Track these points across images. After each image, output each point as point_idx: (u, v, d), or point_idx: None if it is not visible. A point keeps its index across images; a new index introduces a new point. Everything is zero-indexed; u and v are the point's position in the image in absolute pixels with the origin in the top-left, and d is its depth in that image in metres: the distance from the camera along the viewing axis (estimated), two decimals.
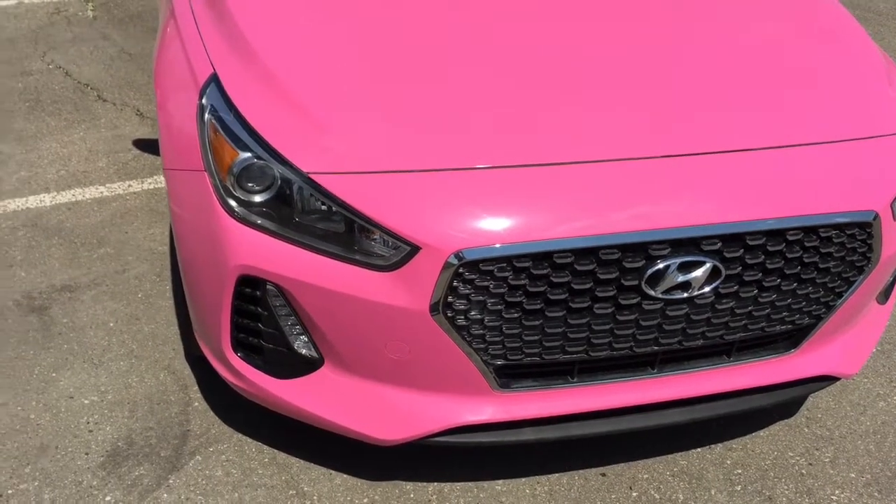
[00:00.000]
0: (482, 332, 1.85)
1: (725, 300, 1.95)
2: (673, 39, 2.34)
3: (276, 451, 2.33)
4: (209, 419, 2.42)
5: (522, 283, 1.80)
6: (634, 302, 1.87)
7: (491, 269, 1.77)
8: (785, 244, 1.91)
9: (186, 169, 2.01)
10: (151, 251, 3.14)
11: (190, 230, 2.03)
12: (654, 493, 2.28)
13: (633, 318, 1.90)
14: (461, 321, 1.82)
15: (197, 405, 2.47)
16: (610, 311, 1.88)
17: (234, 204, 1.88)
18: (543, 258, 1.78)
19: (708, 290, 1.89)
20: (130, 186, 3.57)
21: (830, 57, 2.38)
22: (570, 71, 2.12)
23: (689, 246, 1.84)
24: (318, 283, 1.84)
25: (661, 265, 1.83)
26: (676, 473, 2.34)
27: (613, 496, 2.26)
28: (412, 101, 1.97)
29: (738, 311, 1.97)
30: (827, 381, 2.26)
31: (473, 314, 1.82)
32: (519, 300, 1.82)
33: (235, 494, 2.20)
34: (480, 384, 1.94)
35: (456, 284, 1.77)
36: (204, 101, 2.01)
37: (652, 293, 1.86)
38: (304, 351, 1.98)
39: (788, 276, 1.96)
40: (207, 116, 1.98)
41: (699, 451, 2.42)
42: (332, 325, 1.89)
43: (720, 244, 1.86)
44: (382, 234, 1.78)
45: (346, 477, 2.26)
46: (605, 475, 2.32)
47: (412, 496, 2.23)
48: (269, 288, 1.90)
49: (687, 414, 2.13)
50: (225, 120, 1.94)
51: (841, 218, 1.93)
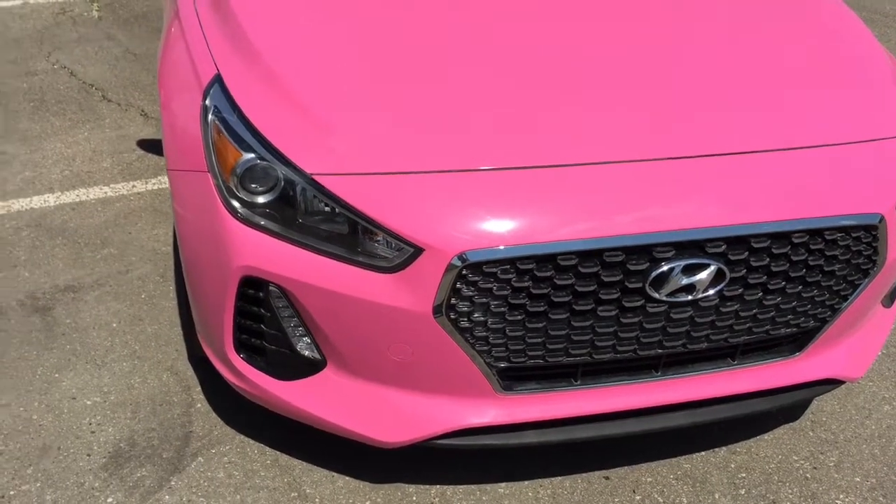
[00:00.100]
0: (485, 334, 1.84)
1: (730, 303, 1.94)
2: (677, 40, 2.33)
3: (278, 452, 2.32)
4: (212, 420, 2.42)
5: (526, 285, 1.79)
6: (638, 304, 1.87)
7: (494, 271, 1.76)
8: (790, 247, 1.90)
9: (190, 170, 2.01)
10: (155, 252, 3.14)
11: (193, 231, 2.03)
12: (657, 496, 2.27)
13: (636, 320, 1.90)
14: (464, 323, 1.82)
15: (199, 406, 2.46)
16: (614, 313, 1.87)
17: (237, 205, 1.88)
18: (547, 260, 1.77)
19: (712, 292, 1.88)
20: (134, 187, 3.57)
21: (836, 58, 2.37)
22: (573, 71, 2.12)
23: (693, 248, 1.83)
24: (320, 284, 1.83)
25: (665, 268, 1.82)
26: (680, 477, 2.33)
27: (617, 499, 2.25)
28: (416, 102, 1.97)
29: (742, 314, 1.97)
30: (832, 384, 2.25)
31: (477, 316, 1.82)
32: (522, 302, 1.81)
33: (237, 496, 2.19)
34: (483, 386, 1.94)
35: (459, 286, 1.77)
36: (207, 101, 2.01)
37: (656, 296, 1.85)
38: (306, 352, 1.98)
39: (793, 278, 1.95)
40: (211, 117, 1.98)
41: (703, 454, 2.41)
42: (334, 326, 1.88)
43: (725, 247, 1.85)
44: (386, 235, 1.78)
45: (348, 479, 2.26)
46: (608, 478, 2.31)
47: (415, 499, 2.22)
48: (271, 289, 1.90)
49: (691, 417, 2.12)
50: (228, 121, 1.94)
51: (846, 221, 1.92)
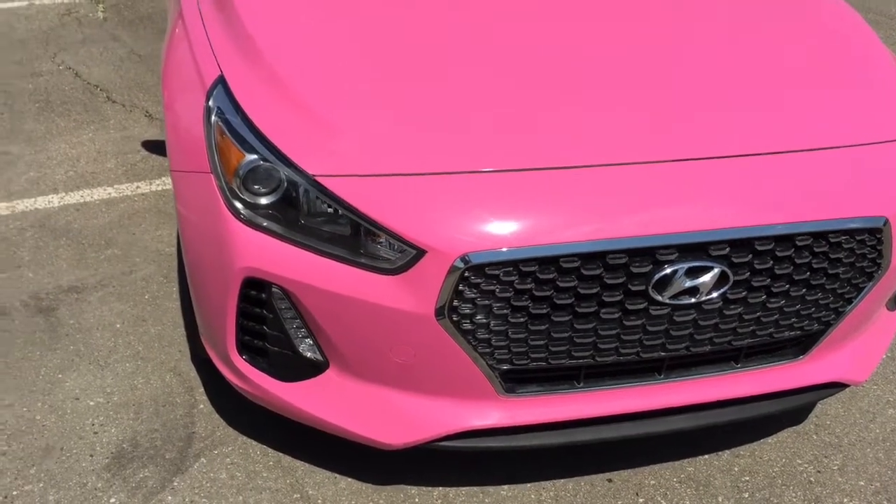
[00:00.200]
0: (488, 336, 1.84)
1: (733, 306, 1.93)
2: (680, 40, 2.33)
3: (280, 454, 2.32)
4: (214, 421, 2.42)
5: (528, 287, 1.78)
6: (641, 307, 1.86)
7: (497, 273, 1.76)
8: (794, 250, 1.89)
9: (193, 171, 2.01)
10: (159, 252, 3.14)
11: (196, 232, 2.03)
12: (660, 499, 2.26)
13: (639, 323, 1.89)
14: (467, 325, 1.81)
15: (202, 407, 2.46)
16: (617, 316, 1.86)
17: (239, 206, 1.88)
18: (550, 262, 1.77)
19: (716, 295, 1.88)
20: (139, 188, 3.57)
21: (840, 60, 2.36)
22: (575, 72, 2.11)
23: (696, 251, 1.83)
24: (323, 286, 1.83)
25: (668, 270, 1.81)
26: (683, 480, 2.33)
27: (619, 502, 2.25)
28: (418, 103, 1.97)
29: (746, 316, 1.96)
30: (836, 387, 2.24)
31: (479, 318, 1.81)
32: (525, 304, 1.81)
33: (240, 497, 2.19)
34: (486, 389, 1.93)
35: (462, 288, 1.76)
36: (211, 102, 2.01)
37: (659, 298, 1.84)
38: (309, 354, 1.98)
39: (797, 281, 1.95)
40: (214, 118, 1.98)
41: (706, 457, 2.40)
42: (337, 328, 1.88)
43: (728, 249, 1.84)
44: (388, 237, 1.78)
45: (350, 481, 2.26)
46: (611, 481, 2.31)
47: (417, 501, 2.22)
48: (274, 291, 1.89)
49: (694, 420, 2.11)
50: (231, 122, 1.94)
51: (851, 223, 1.91)
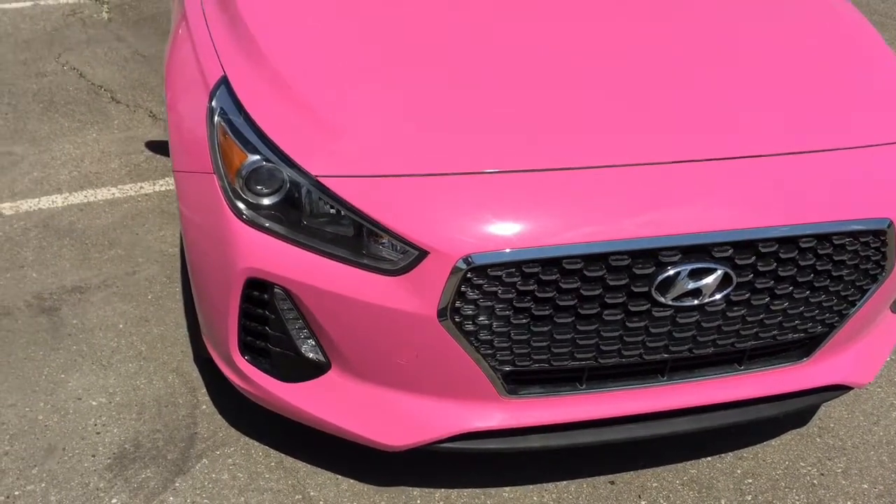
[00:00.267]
0: (490, 337, 1.84)
1: (737, 308, 1.92)
2: (684, 41, 2.32)
3: (282, 455, 2.32)
4: (216, 422, 2.41)
5: (531, 288, 1.78)
6: (644, 309, 1.85)
7: (499, 274, 1.75)
8: (797, 252, 1.89)
9: (195, 171, 2.01)
10: (162, 253, 3.14)
11: (198, 232, 2.03)
12: (663, 501, 2.26)
13: (642, 325, 1.88)
14: (469, 326, 1.81)
15: (204, 408, 2.46)
16: (619, 317, 1.86)
17: (242, 207, 1.88)
18: (552, 264, 1.76)
19: (719, 297, 1.87)
20: (142, 188, 3.58)
21: (845, 62, 2.36)
22: (579, 73, 2.11)
23: (700, 253, 1.82)
24: (325, 286, 1.83)
25: (671, 272, 1.81)
26: (686, 482, 2.32)
27: None
28: (421, 104, 1.96)
29: (749, 319, 1.95)
30: (840, 390, 2.24)
31: (481, 319, 1.81)
32: (527, 306, 1.80)
33: (242, 498, 2.19)
34: (488, 390, 1.93)
35: (464, 289, 1.76)
36: (214, 103, 2.01)
37: (662, 300, 1.84)
38: (311, 355, 1.97)
39: (801, 284, 1.94)
40: (217, 119, 1.98)
41: (709, 459, 2.40)
42: (339, 329, 1.88)
43: (732, 251, 1.84)
44: (390, 238, 1.77)
45: (352, 482, 2.25)
46: (613, 483, 2.30)
47: (419, 502, 2.21)
48: (276, 291, 1.89)
49: (697, 422, 2.11)
50: (234, 122, 1.94)
51: (855, 226, 1.90)
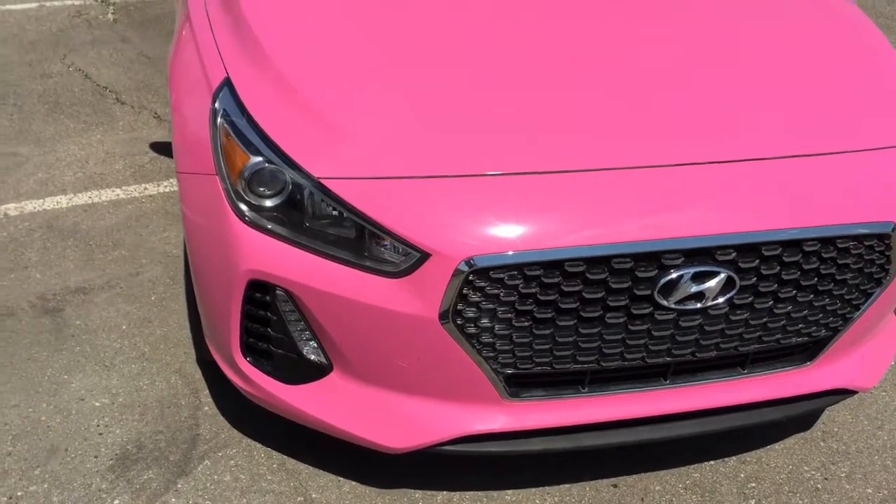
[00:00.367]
0: (492, 340, 1.83)
1: (740, 311, 1.92)
2: (689, 43, 2.31)
3: (284, 456, 2.32)
4: (219, 424, 2.41)
5: (533, 291, 1.78)
6: (647, 312, 1.85)
7: (501, 276, 1.75)
8: (801, 255, 1.88)
9: (198, 172, 2.01)
10: (166, 254, 3.14)
11: (201, 234, 2.03)
12: None
13: (645, 328, 1.88)
14: (471, 329, 1.81)
15: (207, 409, 2.46)
16: (622, 320, 1.85)
17: (244, 208, 1.88)
18: (555, 266, 1.76)
19: (722, 300, 1.86)
20: (146, 189, 3.58)
21: (850, 64, 2.35)
22: (581, 75, 2.11)
23: (703, 256, 1.82)
24: (327, 288, 1.83)
25: (674, 275, 1.80)
26: (689, 486, 2.31)
27: None
28: (423, 106, 1.96)
29: (752, 322, 1.95)
30: (844, 394, 2.23)
31: (483, 322, 1.80)
32: (529, 308, 1.80)
33: (244, 500, 2.19)
34: (490, 393, 1.92)
35: (466, 292, 1.76)
36: (217, 104, 2.01)
37: (665, 303, 1.83)
38: (313, 357, 1.97)
39: (804, 287, 1.93)
40: (220, 120, 1.98)
41: (712, 463, 2.39)
42: (340, 331, 1.88)
43: (735, 254, 1.83)
44: (392, 240, 1.77)
45: (354, 484, 2.25)
46: (616, 486, 2.30)
47: None
48: (278, 293, 1.89)
49: (700, 426, 2.10)
50: (237, 124, 1.94)
51: (859, 229, 1.90)
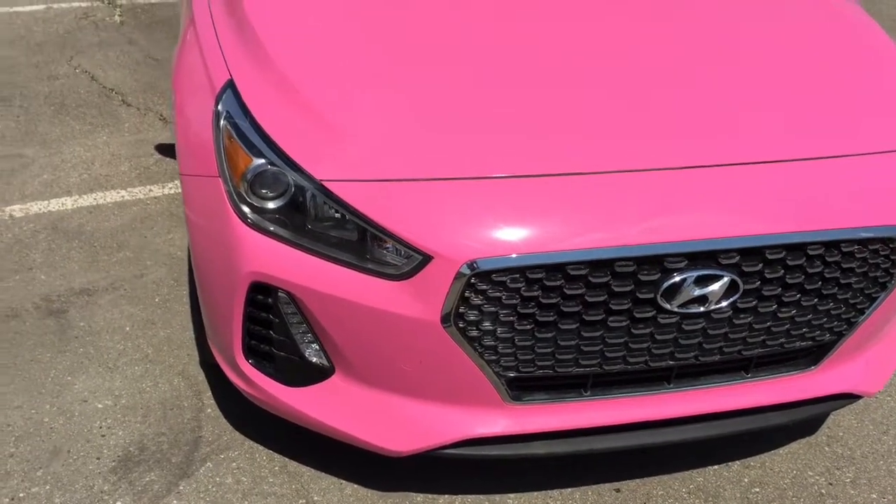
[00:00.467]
0: (494, 343, 1.83)
1: (743, 315, 1.91)
2: (693, 45, 2.31)
3: (286, 459, 2.32)
4: (221, 426, 2.41)
5: (535, 294, 1.77)
6: (649, 315, 1.84)
7: (504, 279, 1.75)
8: (805, 259, 1.87)
9: (201, 174, 2.01)
10: (170, 256, 3.15)
11: (203, 236, 2.03)
12: None
13: (648, 331, 1.87)
14: (473, 332, 1.80)
15: (209, 412, 2.46)
16: (624, 324, 1.85)
17: (247, 210, 1.88)
18: (557, 269, 1.75)
19: (725, 304, 1.85)
20: (151, 191, 3.59)
21: (854, 67, 2.33)
22: (585, 77, 2.10)
23: (706, 259, 1.81)
24: (329, 291, 1.82)
25: (677, 278, 1.80)
26: (692, 491, 2.30)
27: None
28: (426, 109, 1.96)
29: (756, 326, 1.94)
30: (848, 399, 2.21)
31: (485, 325, 1.80)
32: (532, 312, 1.79)
33: (245, 502, 2.18)
34: (492, 396, 1.92)
35: (468, 295, 1.75)
36: (220, 106, 2.01)
37: (668, 307, 1.82)
38: (314, 359, 1.97)
39: (808, 291, 1.92)
40: (223, 122, 1.98)
41: (716, 468, 2.38)
42: (342, 333, 1.87)
43: (738, 258, 1.82)
44: (394, 242, 1.77)
45: (356, 487, 2.25)
46: (618, 491, 2.29)
47: None
48: (280, 295, 1.89)
49: (703, 430, 2.09)
50: (240, 126, 1.94)
51: (864, 233, 1.88)
